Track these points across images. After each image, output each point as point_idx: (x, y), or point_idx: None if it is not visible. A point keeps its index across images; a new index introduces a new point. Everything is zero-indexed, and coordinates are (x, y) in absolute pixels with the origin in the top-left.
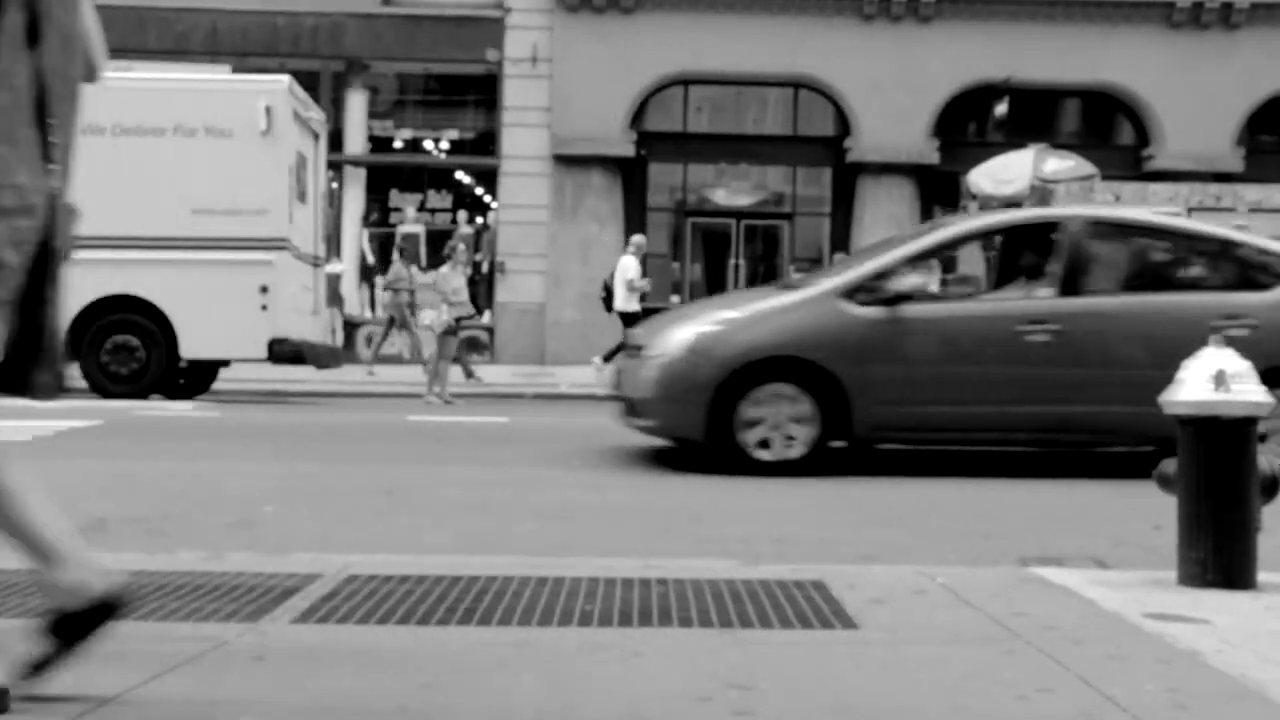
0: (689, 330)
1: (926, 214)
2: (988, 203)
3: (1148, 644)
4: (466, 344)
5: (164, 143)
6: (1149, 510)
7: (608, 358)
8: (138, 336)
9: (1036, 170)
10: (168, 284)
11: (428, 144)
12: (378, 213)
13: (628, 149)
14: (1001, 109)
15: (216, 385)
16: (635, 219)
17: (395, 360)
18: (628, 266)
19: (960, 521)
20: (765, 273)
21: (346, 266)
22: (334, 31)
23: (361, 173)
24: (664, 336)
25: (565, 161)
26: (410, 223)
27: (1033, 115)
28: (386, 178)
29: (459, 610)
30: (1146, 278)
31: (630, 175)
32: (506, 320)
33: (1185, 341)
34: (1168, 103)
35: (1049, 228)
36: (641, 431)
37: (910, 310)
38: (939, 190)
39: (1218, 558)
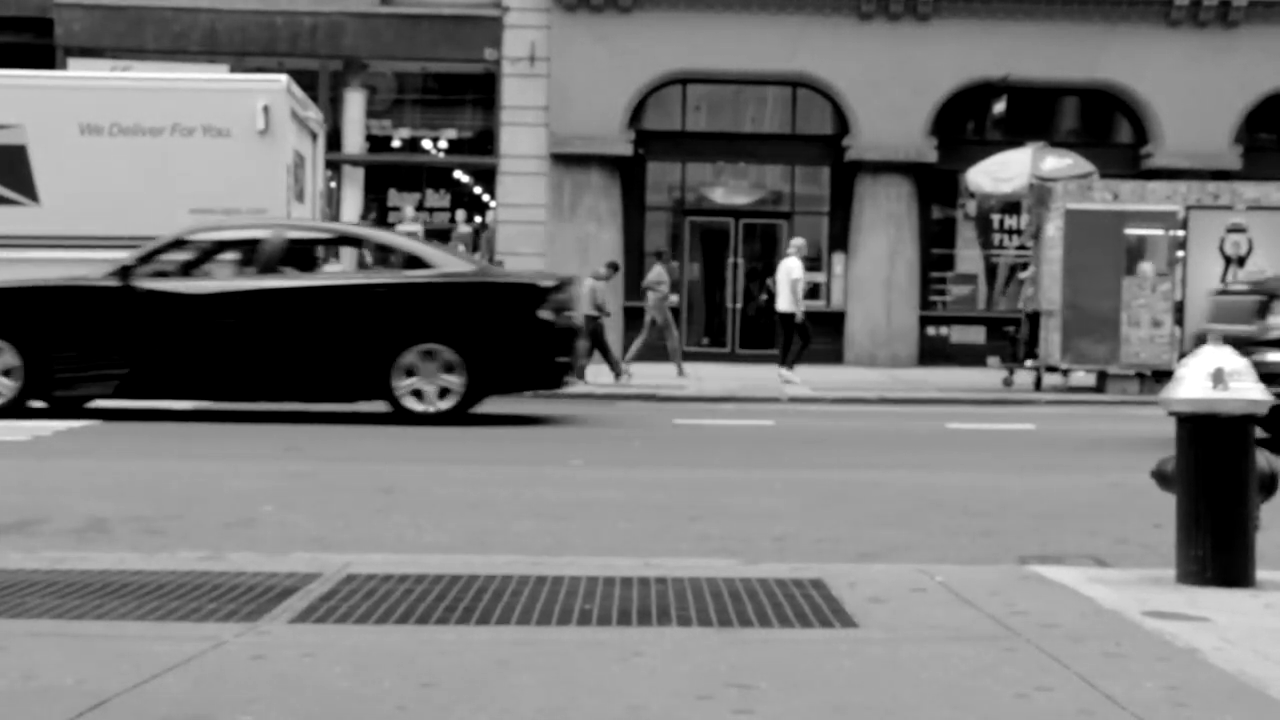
0: None
1: (925, 212)
2: (986, 200)
3: (1147, 642)
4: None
5: (162, 142)
6: (1149, 508)
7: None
8: None
9: (1035, 168)
10: None
11: (426, 143)
12: (376, 212)
13: (626, 148)
14: (1000, 107)
15: None
16: (634, 218)
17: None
18: (792, 268)
19: (960, 519)
20: (764, 271)
21: (345, 266)
22: (332, 31)
23: (360, 172)
24: None
25: (563, 160)
26: (409, 222)
27: (1031, 113)
28: (385, 177)
29: (458, 609)
30: None
31: (629, 174)
32: None
33: None
34: (1166, 101)
35: None
36: None
37: None
38: (937, 188)
39: (1216, 555)
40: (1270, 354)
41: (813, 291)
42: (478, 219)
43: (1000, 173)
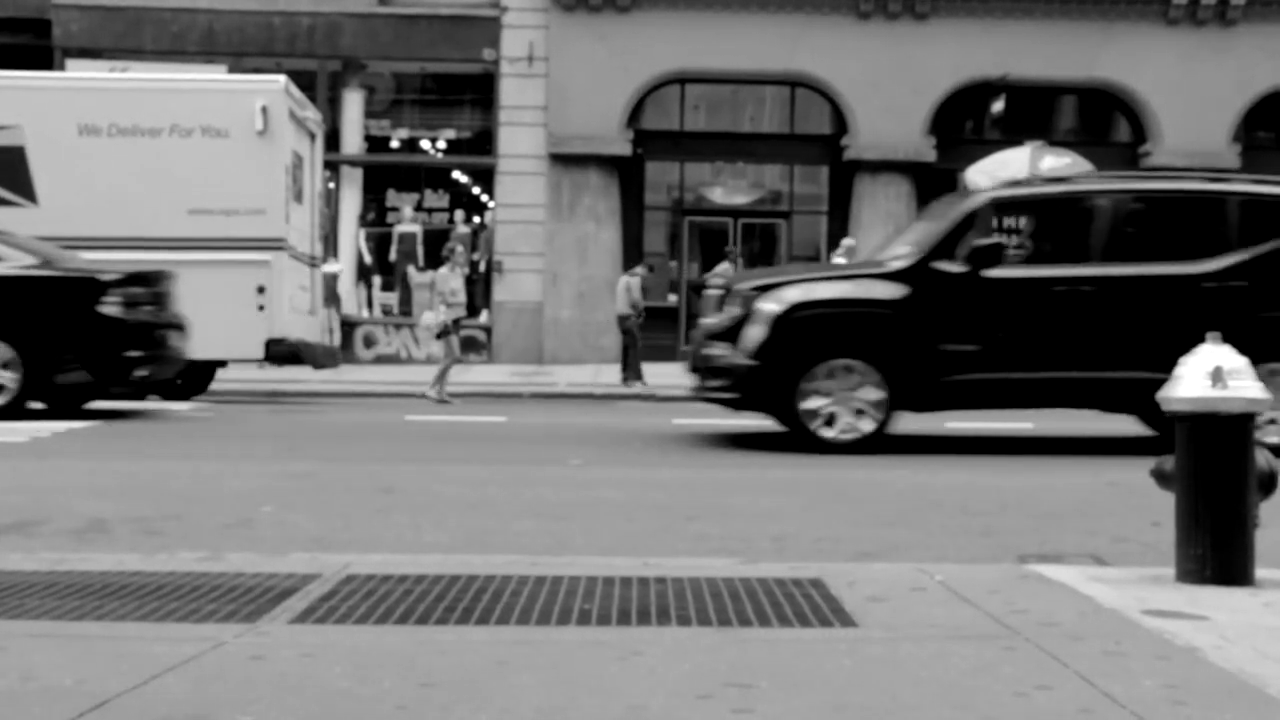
0: None
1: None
2: None
3: (1146, 640)
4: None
5: (160, 143)
6: (1148, 506)
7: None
8: None
9: (1033, 167)
10: None
11: (424, 143)
12: (374, 212)
13: (624, 148)
14: (998, 106)
15: (214, 386)
16: (632, 218)
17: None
18: None
19: (959, 519)
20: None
21: (343, 266)
22: (330, 31)
23: (358, 172)
24: None
25: (562, 160)
26: (407, 222)
27: (1030, 112)
28: (383, 177)
29: (458, 610)
30: None
31: (627, 174)
32: (504, 319)
33: None
34: (1164, 99)
35: None
36: None
37: None
38: (936, 187)
39: (1216, 554)
40: (717, 346)
41: None
42: (476, 219)
43: (999, 171)
